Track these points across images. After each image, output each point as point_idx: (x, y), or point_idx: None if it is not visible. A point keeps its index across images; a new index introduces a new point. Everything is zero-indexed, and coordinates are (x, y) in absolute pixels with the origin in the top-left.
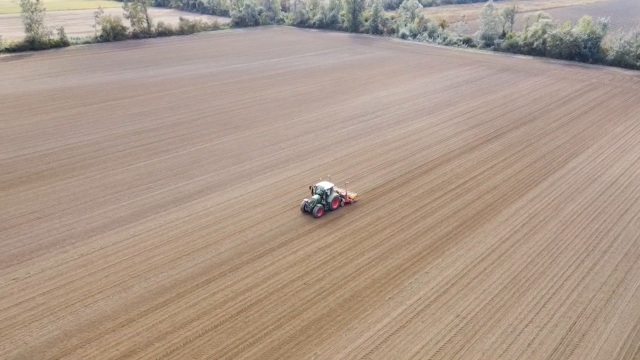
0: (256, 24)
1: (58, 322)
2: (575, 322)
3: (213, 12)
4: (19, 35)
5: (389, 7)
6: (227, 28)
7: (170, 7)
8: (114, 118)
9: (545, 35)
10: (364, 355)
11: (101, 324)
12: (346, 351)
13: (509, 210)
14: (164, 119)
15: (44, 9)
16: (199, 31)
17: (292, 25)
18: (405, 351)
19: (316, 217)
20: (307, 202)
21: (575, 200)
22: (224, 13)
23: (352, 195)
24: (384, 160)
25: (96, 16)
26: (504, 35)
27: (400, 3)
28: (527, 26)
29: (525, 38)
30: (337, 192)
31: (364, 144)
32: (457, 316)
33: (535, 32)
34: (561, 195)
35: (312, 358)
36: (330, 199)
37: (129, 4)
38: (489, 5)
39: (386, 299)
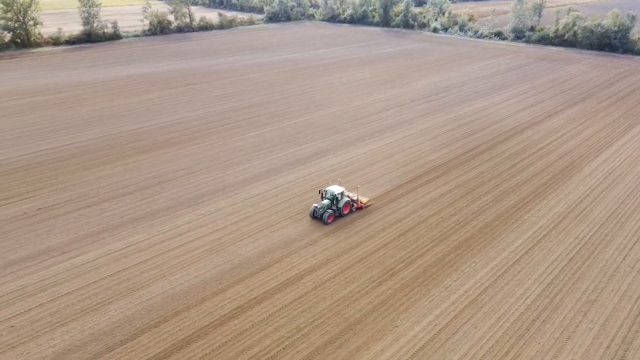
0: (288, 19)
1: (258, 241)
2: None
3: (241, 8)
4: (75, 29)
5: (417, 3)
6: (261, 23)
7: (196, 5)
8: (203, 99)
9: (576, 28)
10: (515, 262)
11: (292, 243)
12: (500, 258)
13: (590, 167)
14: (249, 100)
15: (100, 4)
16: (236, 26)
17: (323, 20)
18: (543, 262)
19: (326, 224)
20: (316, 207)
21: None
22: (252, 9)
23: (364, 199)
24: (465, 131)
25: (144, 11)
26: (532, 28)
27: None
28: (558, 19)
29: (557, 30)
30: (348, 197)
31: (441, 118)
32: (576, 238)
33: (566, 24)
34: (632, 155)
35: (472, 264)
36: (341, 204)
37: (173, 1)
38: (519, 0)
39: (513, 227)
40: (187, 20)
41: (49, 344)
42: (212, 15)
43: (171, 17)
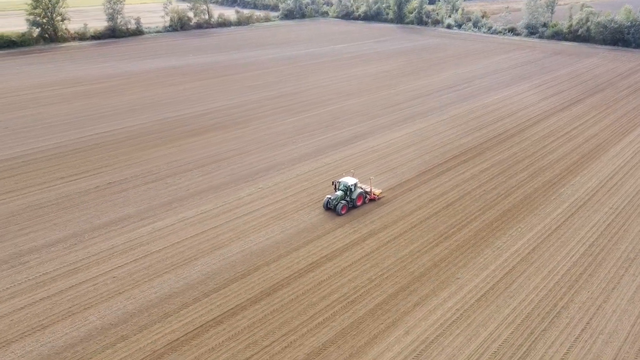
0: (303, 16)
1: (319, 209)
2: None
3: (255, 6)
4: (99, 25)
5: (430, 1)
6: (276, 20)
7: (212, 3)
8: (236, 89)
9: (589, 23)
10: (557, 227)
11: (350, 211)
12: (543, 224)
13: (615, 149)
14: (280, 90)
15: (124, 1)
16: (253, 23)
17: (337, 17)
18: (582, 227)
19: (340, 215)
20: (330, 198)
21: None
22: (266, 7)
23: (377, 191)
24: (493, 117)
25: (165, 7)
26: (545, 24)
27: None
28: (571, 15)
29: (570, 26)
30: (362, 188)
31: (468, 106)
32: (610, 208)
33: (580, 20)
34: None
35: (518, 229)
36: (354, 196)
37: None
38: None
39: (551, 199)
40: (206, 17)
41: (151, 291)
42: (229, 13)
43: (191, 14)
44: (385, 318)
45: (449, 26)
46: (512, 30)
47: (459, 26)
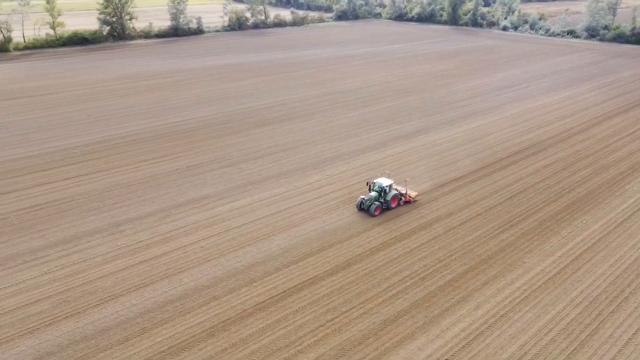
0: (356, 17)
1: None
2: None
3: (309, 7)
4: (163, 24)
5: (485, 3)
6: (330, 21)
7: (266, 3)
8: (297, 85)
9: None
10: (623, 220)
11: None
12: (608, 217)
13: None
14: (339, 86)
15: (187, 1)
16: (308, 23)
17: (390, 19)
18: None
19: (373, 216)
20: (363, 199)
21: None
22: (319, 8)
23: (413, 194)
24: (555, 116)
25: (224, 8)
26: (606, 27)
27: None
28: (635, 17)
29: (634, 28)
30: (397, 190)
31: (528, 105)
32: None
33: None
34: None
35: (584, 221)
36: (389, 197)
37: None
38: None
39: (616, 195)
40: (263, 17)
41: (235, 260)
42: (285, 13)
43: (248, 14)
44: (456, 294)
45: (504, 28)
46: (571, 33)
47: (515, 28)
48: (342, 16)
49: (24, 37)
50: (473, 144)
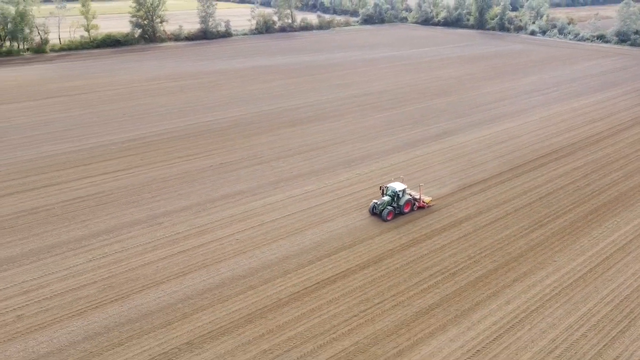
0: (382, 21)
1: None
2: None
3: (334, 11)
4: (192, 27)
5: (512, 8)
6: (356, 25)
7: (293, 7)
8: (325, 87)
9: None
10: None
11: (445, 198)
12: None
13: None
14: (367, 89)
15: (216, 4)
16: (334, 27)
17: (416, 22)
18: None
19: (386, 221)
20: (376, 203)
21: None
22: (345, 12)
23: (427, 199)
24: (584, 120)
25: (252, 12)
26: (637, 32)
27: (522, 4)
28: None
29: None
30: (410, 195)
31: (557, 109)
32: None
33: None
34: None
35: (615, 222)
36: (402, 202)
37: (278, 4)
38: (626, 3)
39: None
40: (289, 21)
41: (270, 252)
42: (311, 17)
43: (275, 18)
44: (487, 289)
45: (532, 32)
46: (601, 38)
47: (543, 33)
48: (368, 20)
49: (59, 39)
50: (501, 146)
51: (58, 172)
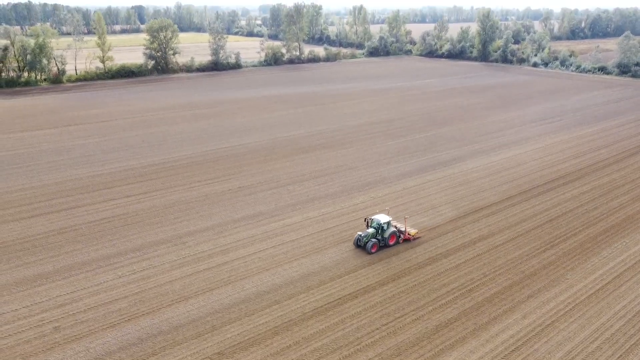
0: (387, 53)
1: (430, 217)
2: None
3: (340, 44)
4: (203, 59)
5: (514, 41)
6: (362, 57)
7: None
8: (335, 115)
9: None
10: None
11: (458, 220)
12: None
13: None
14: (376, 117)
15: (227, 37)
16: (340, 59)
17: (420, 55)
18: None
19: (370, 254)
20: (360, 235)
21: None
22: (350, 45)
23: (413, 231)
24: (590, 147)
25: (261, 44)
26: (638, 64)
27: (524, 37)
28: None
29: None
30: (395, 227)
31: (563, 136)
32: None
33: None
34: None
35: (624, 243)
36: (386, 234)
37: (286, 37)
38: (626, 36)
39: None
40: (297, 53)
41: (292, 270)
42: (318, 49)
43: (283, 50)
44: (503, 305)
45: (535, 64)
46: (603, 69)
47: (546, 64)
48: (373, 52)
49: (76, 69)
50: (509, 172)
51: (83, 195)
